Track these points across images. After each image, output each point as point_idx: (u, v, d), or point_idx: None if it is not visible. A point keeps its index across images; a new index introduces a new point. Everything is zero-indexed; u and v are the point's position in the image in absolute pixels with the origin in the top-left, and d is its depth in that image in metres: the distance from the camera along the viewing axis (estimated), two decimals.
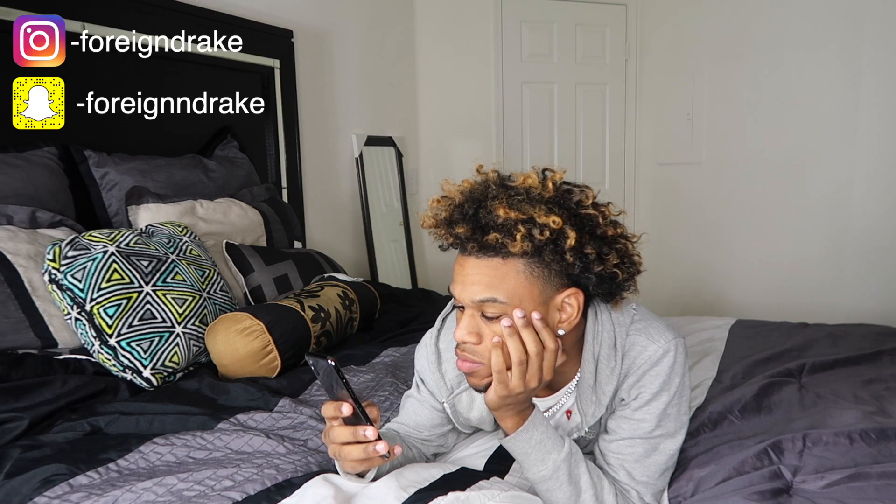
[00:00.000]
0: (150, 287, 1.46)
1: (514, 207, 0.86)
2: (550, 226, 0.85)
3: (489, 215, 0.86)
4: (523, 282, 0.88)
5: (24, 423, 1.16)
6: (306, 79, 2.59)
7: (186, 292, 1.51)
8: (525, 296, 0.88)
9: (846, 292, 3.12)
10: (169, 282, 1.50)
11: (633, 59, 3.70)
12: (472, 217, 0.88)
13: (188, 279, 1.56)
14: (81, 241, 1.47)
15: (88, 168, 1.74)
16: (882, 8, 2.88)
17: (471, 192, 0.91)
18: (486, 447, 1.15)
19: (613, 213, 0.93)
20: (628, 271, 0.95)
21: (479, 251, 0.89)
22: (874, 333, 1.78)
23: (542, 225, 0.85)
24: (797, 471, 0.99)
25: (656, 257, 3.83)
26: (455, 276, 0.92)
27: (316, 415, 1.31)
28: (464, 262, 0.91)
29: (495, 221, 0.86)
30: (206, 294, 1.58)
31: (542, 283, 0.89)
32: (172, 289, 1.50)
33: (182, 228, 1.70)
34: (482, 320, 0.90)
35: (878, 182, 2.98)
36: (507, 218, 0.85)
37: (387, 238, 3.08)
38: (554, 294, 0.90)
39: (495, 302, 0.87)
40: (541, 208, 0.86)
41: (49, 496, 0.96)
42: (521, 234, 0.85)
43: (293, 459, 1.09)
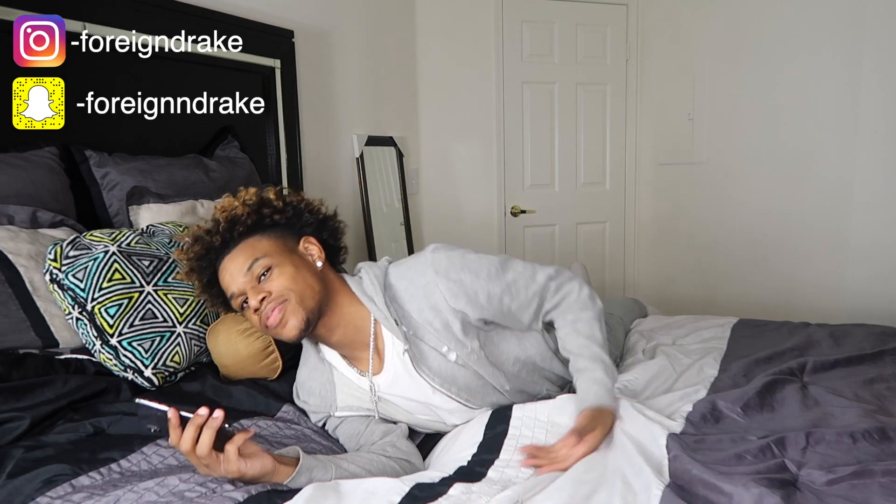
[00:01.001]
0: (151, 287, 1.46)
1: (227, 210, 1.25)
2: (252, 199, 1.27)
3: (223, 224, 1.24)
4: (266, 242, 1.24)
5: (26, 422, 1.16)
6: (307, 79, 2.59)
7: (188, 292, 1.51)
8: (274, 250, 1.23)
9: (847, 292, 3.11)
10: (170, 281, 1.50)
11: (634, 59, 3.70)
12: (216, 232, 1.23)
13: None
14: (82, 240, 1.46)
15: (89, 168, 1.74)
16: (883, 8, 2.88)
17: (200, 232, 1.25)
18: (471, 442, 1.17)
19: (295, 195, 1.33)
20: (324, 214, 1.34)
21: (232, 248, 1.23)
22: (875, 333, 1.78)
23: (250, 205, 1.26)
24: (801, 466, 0.99)
25: (657, 257, 3.83)
26: (227, 282, 1.23)
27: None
28: (226, 264, 1.23)
29: (229, 223, 1.24)
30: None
31: (280, 239, 1.26)
32: (173, 288, 1.49)
33: (183, 228, 1.70)
34: (258, 287, 1.20)
35: (878, 182, 2.97)
36: (232, 215, 1.24)
37: (388, 238, 3.08)
38: (295, 245, 1.27)
39: (258, 259, 1.21)
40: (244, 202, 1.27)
41: (51, 496, 0.96)
42: (246, 214, 1.24)
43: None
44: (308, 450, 1.19)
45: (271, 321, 1.19)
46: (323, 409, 1.30)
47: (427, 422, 1.34)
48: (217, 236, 1.23)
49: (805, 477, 0.97)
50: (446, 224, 3.46)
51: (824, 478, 0.95)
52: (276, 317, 1.19)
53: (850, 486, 0.93)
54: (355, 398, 1.30)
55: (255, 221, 1.25)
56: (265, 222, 1.26)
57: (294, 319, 1.19)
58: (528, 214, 3.61)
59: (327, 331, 1.26)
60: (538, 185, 3.64)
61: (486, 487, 0.98)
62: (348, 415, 1.30)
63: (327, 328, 1.26)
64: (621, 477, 0.98)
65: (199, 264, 1.25)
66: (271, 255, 1.22)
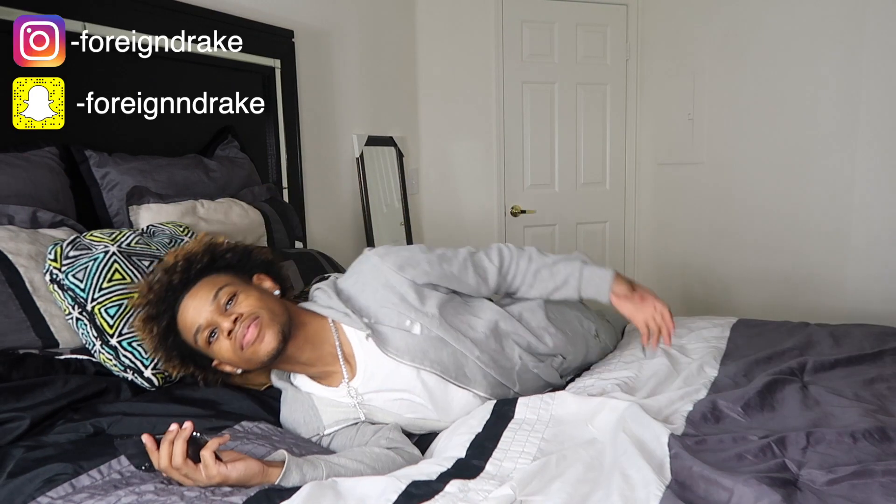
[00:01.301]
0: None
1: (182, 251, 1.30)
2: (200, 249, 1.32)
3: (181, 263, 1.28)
4: (224, 276, 1.29)
5: (26, 422, 1.16)
6: (307, 79, 2.59)
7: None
8: (234, 280, 1.29)
9: (847, 292, 3.11)
10: None
11: (634, 59, 3.70)
12: (175, 271, 1.26)
13: None
14: (83, 240, 1.46)
15: (89, 168, 1.74)
16: (883, 8, 2.88)
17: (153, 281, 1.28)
18: (465, 437, 1.18)
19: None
20: (269, 258, 1.41)
21: (191, 286, 1.26)
22: (876, 333, 1.78)
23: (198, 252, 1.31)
24: (801, 466, 0.99)
25: (657, 257, 3.83)
26: (192, 318, 1.24)
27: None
28: (188, 302, 1.25)
29: (186, 262, 1.28)
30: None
31: (236, 274, 1.32)
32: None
33: (183, 228, 1.70)
34: (228, 312, 1.23)
35: (878, 181, 2.97)
36: (188, 254, 1.29)
37: (388, 238, 3.08)
38: (249, 280, 1.34)
39: (222, 288, 1.25)
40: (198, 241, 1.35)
41: (52, 496, 0.96)
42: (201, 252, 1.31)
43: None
44: (305, 451, 1.20)
45: (248, 338, 1.22)
46: (313, 432, 1.31)
47: (415, 420, 1.36)
48: (176, 275, 1.26)
49: (805, 476, 0.97)
50: (446, 224, 3.45)
51: (825, 477, 0.95)
52: (252, 332, 1.22)
53: (851, 485, 0.93)
54: (340, 412, 1.32)
55: (210, 259, 1.30)
56: (218, 262, 1.31)
57: (270, 332, 1.23)
58: (528, 214, 3.61)
59: (297, 350, 1.30)
60: (538, 185, 3.64)
61: (483, 484, 0.98)
62: (337, 429, 1.31)
63: (296, 347, 1.30)
64: (622, 476, 0.98)
65: (158, 308, 1.25)
66: (233, 283, 1.27)
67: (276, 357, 1.26)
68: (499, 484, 0.98)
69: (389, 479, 0.98)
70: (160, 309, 1.25)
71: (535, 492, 0.96)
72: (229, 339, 1.22)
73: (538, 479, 0.99)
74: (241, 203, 2.03)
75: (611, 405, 1.23)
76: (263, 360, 1.25)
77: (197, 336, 1.24)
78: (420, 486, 0.96)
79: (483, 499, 0.93)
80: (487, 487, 0.96)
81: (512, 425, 1.19)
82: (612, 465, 1.03)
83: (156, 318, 1.25)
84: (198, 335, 1.24)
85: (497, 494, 0.93)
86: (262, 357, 1.24)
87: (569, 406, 1.25)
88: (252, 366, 1.27)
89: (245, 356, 1.24)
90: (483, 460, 1.08)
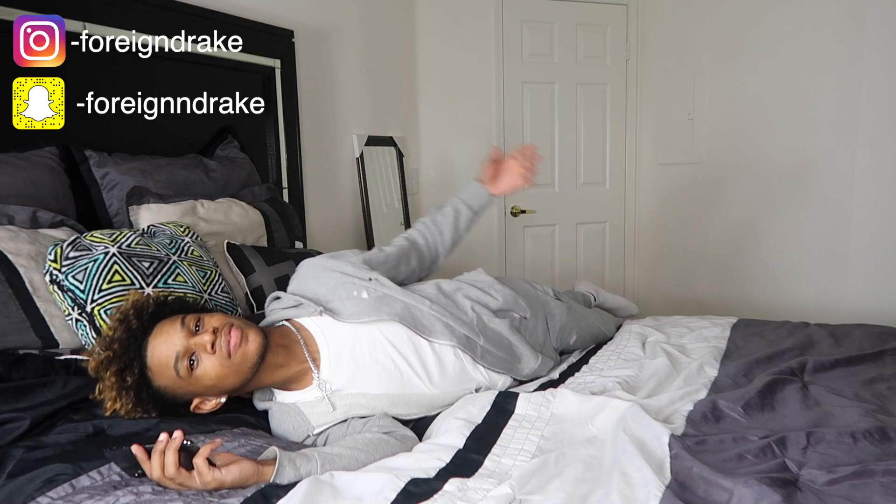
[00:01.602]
0: (150, 289, 1.46)
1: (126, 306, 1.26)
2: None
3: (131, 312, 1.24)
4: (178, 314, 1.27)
5: (26, 423, 1.15)
6: (307, 79, 2.59)
7: (187, 295, 1.51)
8: (190, 312, 1.27)
9: (847, 292, 3.11)
10: (170, 283, 1.50)
11: (634, 59, 3.70)
12: (125, 320, 1.22)
13: (189, 280, 1.55)
14: (83, 241, 1.46)
15: (89, 168, 1.74)
16: (883, 8, 2.88)
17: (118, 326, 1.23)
18: (464, 425, 1.18)
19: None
20: (202, 304, 1.47)
21: (151, 329, 1.22)
22: (876, 333, 1.79)
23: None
24: (802, 466, 0.99)
25: (656, 257, 3.83)
26: (165, 352, 1.20)
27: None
28: (154, 341, 1.21)
29: (137, 310, 1.24)
30: (208, 296, 1.58)
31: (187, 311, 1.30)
32: (173, 291, 1.49)
33: (184, 228, 1.70)
34: (198, 334, 1.22)
35: (878, 181, 2.97)
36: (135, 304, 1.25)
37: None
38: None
39: (185, 316, 1.24)
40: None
41: (52, 496, 0.96)
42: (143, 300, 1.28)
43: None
44: (298, 448, 1.20)
45: (234, 342, 1.22)
46: (303, 435, 1.31)
47: (401, 394, 1.37)
48: (133, 321, 1.22)
49: (806, 476, 0.97)
50: None
51: (825, 477, 0.95)
52: (235, 335, 1.22)
53: (851, 485, 0.93)
54: (325, 412, 1.32)
55: (156, 305, 1.27)
56: (165, 308, 1.28)
57: (252, 331, 1.26)
58: (528, 214, 3.61)
59: (273, 355, 1.30)
60: (538, 185, 3.63)
61: (482, 482, 0.98)
62: (326, 427, 1.31)
63: (272, 353, 1.30)
64: (621, 475, 0.98)
65: (126, 357, 1.19)
66: (192, 313, 1.27)
67: (261, 362, 1.26)
68: (498, 482, 0.98)
69: (388, 476, 0.97)
70: (129, 357, 1.19)
71: (534, 491, 0.96)
72: (213, 353, 1.20)
73: (537, 478, 0.99)
74: (242, 203, 2.03)
75: (612, 405, 1.23)
76: (253, 362, 1.24)
77: (178, 367, 1.19)
78: (419, 484, 0.96)
79: (482, 497, 0.93)
80: (486, 486, 0.96)
81: (512, 422, 1.20)
82: (611, 465, 1.03)
83: (127, 368, 1.18)
84: (178, 366, 1.19)
85: (496, 493, 0.93)
86: (252, 358, 1.24)
87: (570, 405, 1.25)
88: (241, 377, 1.24)
89: (235, 363, 1.22)
90: (482, 455, 1.08)
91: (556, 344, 1.71)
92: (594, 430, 1.19)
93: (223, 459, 1.02)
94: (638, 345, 1.73)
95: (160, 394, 1.21)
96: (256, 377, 1.28)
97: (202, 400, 1.25)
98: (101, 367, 1.18)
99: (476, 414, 1.23)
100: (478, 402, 1.28)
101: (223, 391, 1.26)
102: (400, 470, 1.02)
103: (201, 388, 1.23)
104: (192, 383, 1.21)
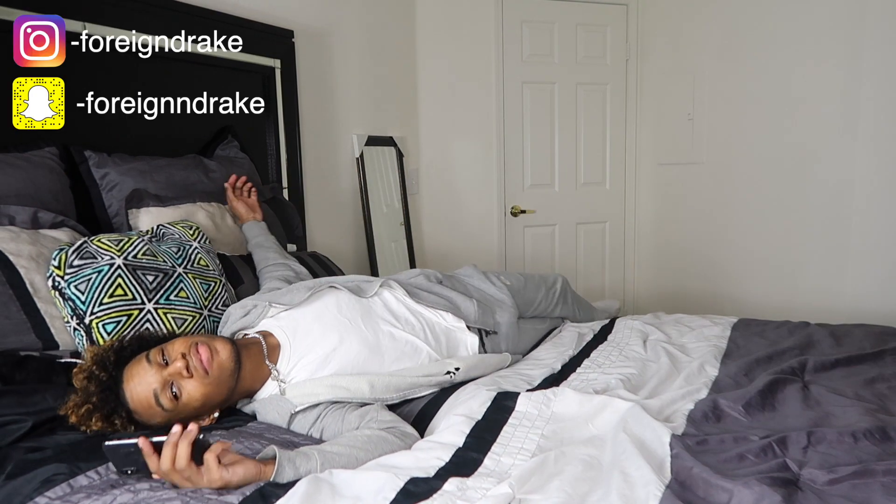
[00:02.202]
0: (151, 304, 1.45)
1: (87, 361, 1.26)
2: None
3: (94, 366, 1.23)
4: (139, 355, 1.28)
5: (27, 424, 1.16)
6: (307, 79, 2.59)
7: (187, 311, 1.50)
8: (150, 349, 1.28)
9: (847, 292, 3.11)
10: (172, 300, 1.49)
11: (634, 59, 3.70)
12: (93, 373, 1.21)
13: (192, 296, 1.54)
14: (89, 247, 1.45)
15: (89, 168, 1.74)
16: (883, 8, 2.87)
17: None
18: (465, 421, 1.19)
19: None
20: (156, 334, 1.40)
21: (120, 375, 1.22)
22: (876, 333, 1.79)
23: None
24: (802, 466, 0.99)
25: (656, 257, 3.83)
26: (144, 391, 1.21)
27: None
28: (129, 385, 1.21)
29: (99, 362, 1.24)
30: (208, 311, 1.57)
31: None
32: (174, 307, 1.49)
33: (193, 231, 1.69)
34: (167, 365, 1.23)
35: (879, 181, 2.97)
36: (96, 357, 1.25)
37: (387, 238, 3.08)
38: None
39: (148, 353, 1.25)
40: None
41: (50, 496, 0.96)
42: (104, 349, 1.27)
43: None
44: (297, 445, 1.20)
45: (205, 357, 1.24)
46: (286, 414, 1.32)
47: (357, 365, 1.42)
48: (102, 373, 1.21)
49: (806, 476, 0.97)
50: (446, 224, 3.45)
51: (826, 477, 0.95)
52: (204, 351, 1.25)
53: (852, 485, 0.93)
54: (306, 395, 1.34)
55: (115, 354, 1.26)
56: (125, 353, 1.27)
57: (217, 343, 1.29)
58: (528, 214, 3.61)
59: (245, 359, 1.34)
60: (538, 185, 3.64)
61: (482, 482, 0.98)
62: (307, 406, 1.32)
63: (244, 357, 1.34)
64: (621, 475, 0.98)
65: (108, 404, 1.19)
66: (153, 349, 1.27)
67: (239, 367, 1.29)
68: (497, 481, 0.98)
69: (388, 475, 0.97)
70: (111, 403, 1.19)
71: (534, 490, 0.96)
72: (191, 376, 1.22)
73: (537, 477, 0.99)
74: None
75: (613, 406, 1.23)
76: (231, 369, 1.27)
77: (161, 402, 1.20)
78: (418, 483, 0.96)
79: (481, 497, 0.92)
80: (486, 485, 0.96)
81: (512, 420, 1.20)
82: (611, 465, 1.03)
83: (114, 413, 1.19)
84: (161, 400, 1.20)
85: (495, 493, 0.93)
86: (229, 365, 1.27)
87: (571, 404, 1.25)
88: (225, 387, 1.27)
89: (214, 377, 1.24)
90: (482, 453, 1.08)
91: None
92: (594, 430, 1.19)
93: (228, 459, 1.02)
94: (639, 342, 1.73)
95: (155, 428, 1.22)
96: (240, 384, 1.31)
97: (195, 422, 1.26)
98: (85, 418, 1.17)
99: (477, 410, 1.23)
100: (479, 397, 1.28)
101: (213, 407, 1.28)
102: (399, 468, 1.02)
103: (192, 411, 1.24)
104: (181, 411, 1.22)
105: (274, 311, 1.48)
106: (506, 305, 1.80)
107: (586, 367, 1.54)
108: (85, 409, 1.17)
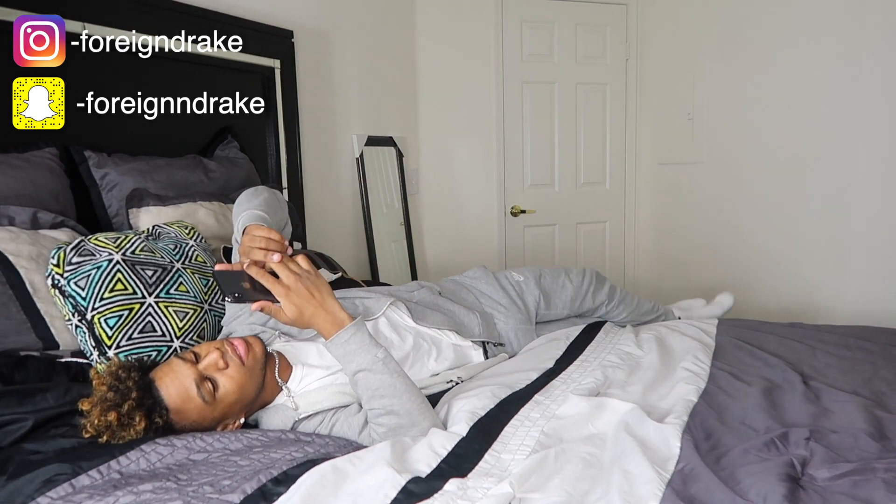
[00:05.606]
0: (152, 298, 1.45)
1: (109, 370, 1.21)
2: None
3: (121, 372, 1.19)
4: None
5: (28, 424, 1.16)
6: (307, 79, 2.59)
7: (188, 305, 1.50)
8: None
9: (847, 292, 3.11)
10: (172, 293, 1.49)
11: (634, 59, 3.70)
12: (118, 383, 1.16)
13: (192, 290, 1.54)
14: (87, 245, 1.45)
15: (88, 169, 1.74)
16: (883, 8, 2.88)
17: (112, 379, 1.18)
18: (469, 416, 1.19)
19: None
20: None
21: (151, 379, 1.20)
22: (876, 333, 1.79)
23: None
24: (804, 463, 0.99)
25: (656, 257, 3.83)
26: (181, 390, 1.19)
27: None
28: (162, 383, 1.19)
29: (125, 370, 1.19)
30: (208, 305, 1.57)
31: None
32: (175, 301, 1.48)
33: (189, 230, 1.69)
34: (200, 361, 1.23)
35: (879, 181, 2.97)
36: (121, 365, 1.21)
37: (387, 238, 3.08)
38: None
39: (177, 354, 1.29)
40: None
41: (51, 496, 0.96)
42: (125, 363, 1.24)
43: (289, 451, 1.11)
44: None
45: (241, 349, 1.26)
46: (291, 420, 1.31)
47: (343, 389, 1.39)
48: (134, 373, 1.18)
49: (808, 473, 0.97)
50: (446, 224, 3.46)
51: (827, 474, 0.95)
52: (240, 344, 1.27)
53: (853, 482, 0.93)
54: (311, 402, 1.33)
55: (139, 362, 1.24)
56: (145, 365, 1.25)
57: (252, 339, 1.31)
58: (528, 214, 3.61)
59: (267, 364, 1.33)
60: (538, 185, 3.64)
61: (482, 481, 0.98)
62: (311, 412, 1.32)
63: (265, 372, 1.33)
64: (622, 473, 0.98)
65: (148, 400, 1.16)
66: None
67: (265, 368, 1.30)
68: (497, 480, 0.98)
69: (389, 472, 0.97)
70: (150, 399, 1.16)
71: (534, 489, 0.95)
72: (227, 367, 1.23)
73: (537, 475, 0.99)
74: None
75: (613, 406, 1.23)
76: (262, 362, 1.29)
77: (202, 393, 1.19)
78: (419, 482, 0.96)
79: (482, 496, 0.92)
80: (486, 485, 0.96)
81: (514, 421, 1.19)
82: (611, 463, 1.03)
83: (154, 410, 1.16)
84: (202, 392, 1.19)
85: (496, 492, 0.93)
86: (261, 360, 1.29)
87: (572, 406, 1.25)
88: (256, 381, 1.27)
89: (249, 367, 1.26)
90: (483, 448, 1.08)
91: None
92: (594, 429, 1.19)
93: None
94: (632, 339, 1.73)
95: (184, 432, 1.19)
96: (261, 392, 1.30)
97: (224, 425, 1.26)
98: (127, 417, 1.13)
99: (480, 407, 1.23)
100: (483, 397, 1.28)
101: (244, 404, 1.27)
102: (401, 464, 1.01)
103: (225, 407, 1.24)
104: (217, 406, 1.22)
105: (280, 341, 1.45)
106: (510, 310, 1.75)
107: (577, 365, 1.52)
108: (127, 406, 1.13)
